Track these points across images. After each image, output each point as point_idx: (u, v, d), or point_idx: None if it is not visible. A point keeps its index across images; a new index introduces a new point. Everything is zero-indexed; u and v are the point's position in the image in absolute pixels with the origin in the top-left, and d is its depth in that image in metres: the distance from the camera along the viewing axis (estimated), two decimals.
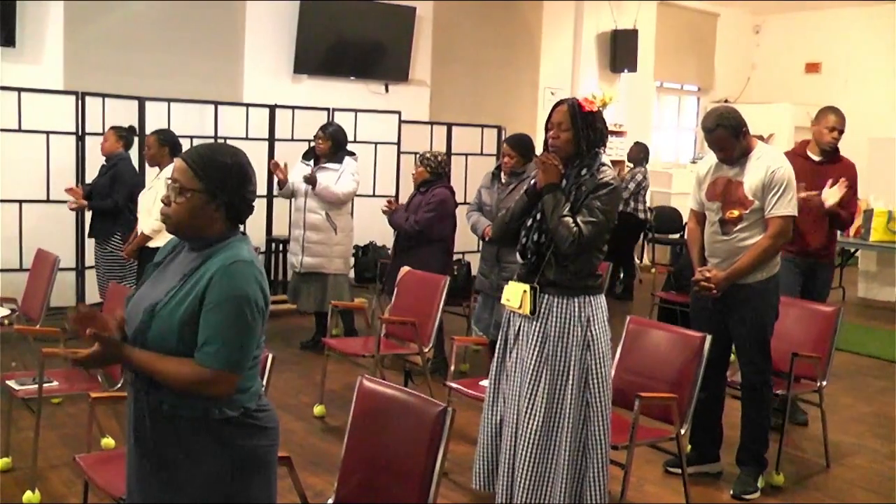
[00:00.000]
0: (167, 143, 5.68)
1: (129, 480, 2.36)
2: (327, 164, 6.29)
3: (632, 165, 9.75)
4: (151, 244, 5.53)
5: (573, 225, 3.39)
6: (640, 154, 9.74)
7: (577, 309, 3.48)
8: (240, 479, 2.23)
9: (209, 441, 2.20)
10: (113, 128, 6.35)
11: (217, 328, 2.14)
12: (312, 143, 6.49)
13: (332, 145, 6.29)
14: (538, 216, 3.53)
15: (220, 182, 2.22)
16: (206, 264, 2.20)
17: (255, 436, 2.26)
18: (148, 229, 5.56)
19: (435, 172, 5.95)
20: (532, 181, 3.61)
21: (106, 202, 6.10)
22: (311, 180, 6.23)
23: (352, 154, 6.46)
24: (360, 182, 6.45)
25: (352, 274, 6.72)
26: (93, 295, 7.07)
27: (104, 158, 6.34)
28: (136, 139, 6.55)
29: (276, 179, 6.62)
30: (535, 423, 3.47)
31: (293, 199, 6.59)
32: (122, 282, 5.92)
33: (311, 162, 6.38)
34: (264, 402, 2.34)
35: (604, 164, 3.51)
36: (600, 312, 3.54)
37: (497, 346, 3.73)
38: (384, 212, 6.10)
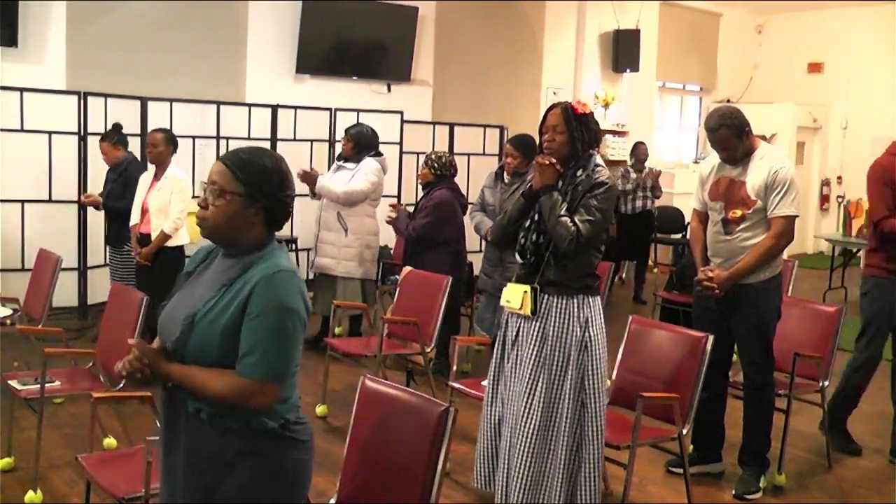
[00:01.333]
0: (173, 142, 5.70)
1: (161, 485, 2.34)
2: (345, 164, 6.26)
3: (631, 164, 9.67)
4: (167, 245, 5.56)
5: (571, 224, 3.43)
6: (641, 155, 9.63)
7: (575, 309, 3.51)
8: (272, 493, 2.19)
9: (246, 453, 2.16)
10: (102, 140, 6.29)
11: (260, 338, 2.10)
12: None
13: (353, 146, 6.24)
14: (536, 217, 3.55)
15: (259, 185, 2.18)
16: (248, 273, 2.16)
17: (291, 448, 2.23)
18: (169, 228, 5.57)
19: (439, 173, 5.93)
20: (528, 183, 3.64)
21: (120, 204, 6.07)
22: (306, 178, 6.21)
23: (378, 155, 6.34)
24: (377, 183, 6.24)
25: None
26: (94, 295, 7.09)
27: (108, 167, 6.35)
28: (128, 136, 6.54)
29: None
30: (533, 423, 3.49)
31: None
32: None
33: (342, 162, 6.34)
34: (301, 414, 2.30)
35: (598, 165, 3.56)
36: (598, 313, 3.58)
37: (496, 345, 3.75)
38: (388, 222, 6.04)
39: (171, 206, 5.60)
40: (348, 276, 6.23)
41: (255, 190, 2.17)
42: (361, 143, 6.25)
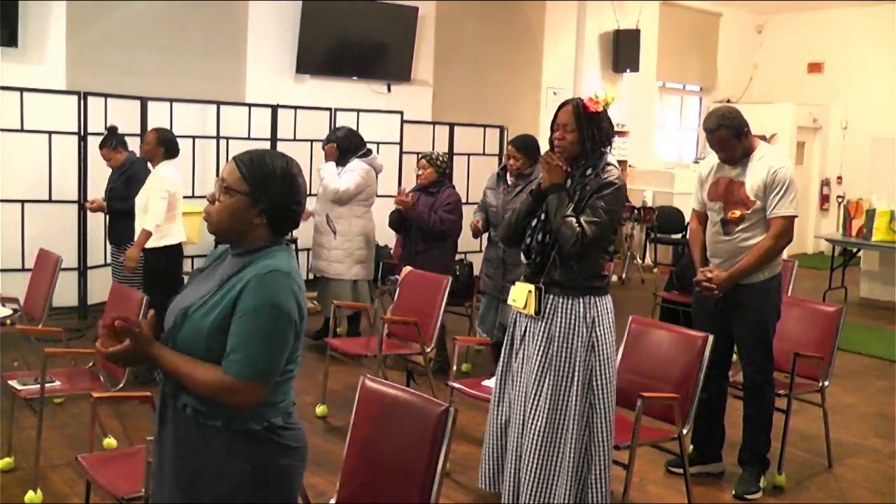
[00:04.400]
0: (164, 142, 5.62)
1: (155, 483, 2.33)
2: (328, 164, 6.35)
3: None
4: (158, 244, 5.50)
5: (576, 225, 3.39)
6: None
7: (582, 310, 3.49)
8: (257, 496, 2.17)
9: (229, 452, 2.14)
10: (101, 147, 6.25)
11: (245, 337, 2.08)
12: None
13: (339, 151, 6.32)
14: (542, 216, 3.53)
15: (264, 187, 2.16)
16: (244, 271, 2.15)
17: (277, 453, 2.20)
18: (148, 224, 5.47)
19: (442, 173, 5.98)
20: (536, 181, 3.61)
21: (123, 203, 6.05)
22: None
23: (366, 154, 6.40)
24: (363, 185, 6.30)
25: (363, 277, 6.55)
26: (94, 295, 7.09)
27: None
28: (128, 136, 6.52)
29: None
30: (540, 423, 3.47)
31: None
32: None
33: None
34: (293, 420, 2.26)
35: (609, 164, 3.50)
36: (606, 313, 3.54)
37: (504, 346, 3.74)
38: (399, 204, 5.89)
39: (150, 203, 5.54)
40: (338, 278, 6.34)
41: (259, 191, 2.17)
42: (343, 147, 6.33)
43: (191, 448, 2.17)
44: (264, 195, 2.17)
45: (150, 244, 5.49)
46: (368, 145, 6.54)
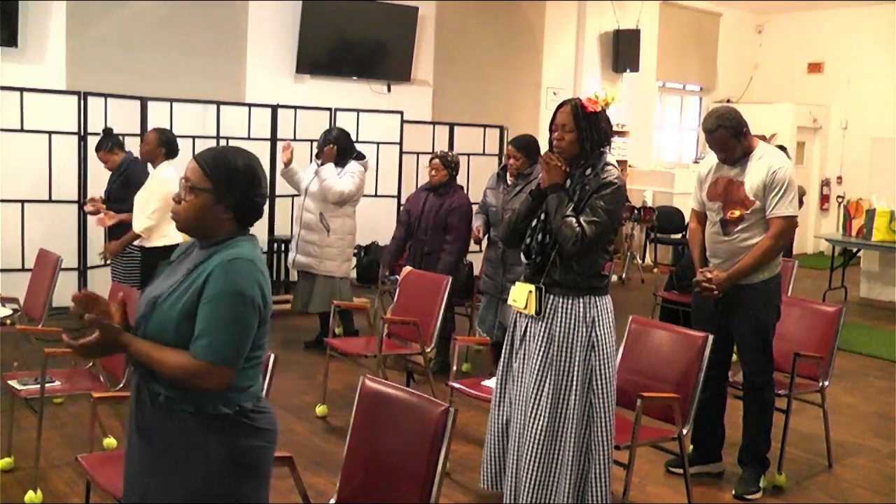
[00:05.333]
0: (164, 143, 5.61)
1: (126, 472, 2.37)
2: (323, 168, 6.32)
3: None
4: (156, 244, 5.49)
5: (576, 225, 3.39)
6: None
7: (582, 309, 3.49)
8: (231, 478, 2.24)
9: (203, 436, 2.21)
10: (97, 150, 6.23)
11: (211, 322, 2.15)
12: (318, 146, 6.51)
13: (337, 151, 6.31)
14: (542, 216, 3.53)
15: (228, 183, 2.24)
16: (209, 261, 2.23)
17: (248, 436, 2.26)
18: (140, 227, 5.47)
19: (454, 173, 6.01)
20: (537, 181, 3.61)
21: (121, 205, 6.03)
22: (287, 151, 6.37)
23: (360, 157, 6.43)
24: (360, 186, 6.37)
25: (353, 275, 6.66)
26: None
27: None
28: (128, 136, 6.52)
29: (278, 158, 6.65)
30: (540, 423, 3.47)
31: (300, 197, 6.60)
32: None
33: (320, 161, 6.37)
34: (263, 404, 2.34)
35: (609, 164, 3.50)
36: (605, 313, 3.54)
37: (504, 346, 3.74)
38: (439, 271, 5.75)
39: (147, 205, 5.53)
40: (328, 275, 6.35)
41: (223, 187, 2.24)
42: (341, 148, 6.32)
43: (165, 435, 2.23)
44: (229, 191, 2.25)
45: (147, 244, 5.49)
46: (369, 145, 6.59)
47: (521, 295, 3.56)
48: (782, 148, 5.49)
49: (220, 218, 2.27)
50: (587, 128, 3.46)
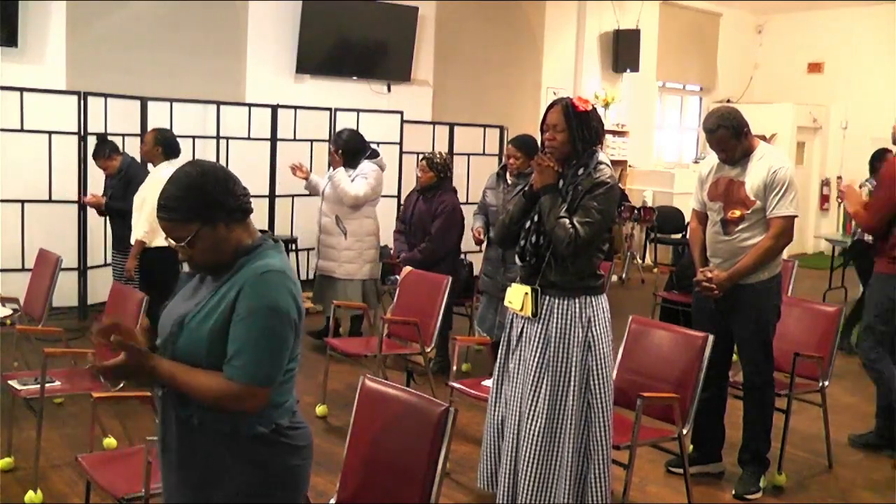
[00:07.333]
0: (162, 143, 5.59)
1: (162, 482, 2.31)
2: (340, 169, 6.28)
3: None
4: (155, 245, 5.48)
5: (570, 226, 3.39)
6: None
7: (578, 310, 3.49)
8: (268, 498, 2.17)
9: (238, 458, 2.13)
10: (95, 157, 6.24)
11: (246, 340, 2.05)
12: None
13: (343, 156, 6.26)
14: (536, 218, 3.53)
15: (205, 207, 2.10)
16: (238, 275, 2.12)
17: (286, 454, 2.19)
18: (140, 234, 5.45)
19: (442, 175, 5.93)
20: (529, 183, 3.61)
21: (122, 204, 6.02)
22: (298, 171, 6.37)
23: (374, 156, 6.37)
24: (375, 186, 6.26)
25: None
26: (94, 295, 7.09)
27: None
28: (128, 136, 6.51)
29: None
30: (538, 424, 3.47)
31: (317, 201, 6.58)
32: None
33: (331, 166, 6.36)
34: (298, 418, 2.25)
35: (601, 163, 3.49)
36: (601, 313, 3.54)
37: (500, 346, 3.74)
38: (400, 262, 5.90)
39: (144, 206, 5.52)
40: (349, 278, 6.28)
41: (205, 213, 2.10)
42: (348, 152, 6.27)
43: (200, 457, 2.15)
44: (211, 212, 2.11)
45: (147, 244, 5.49)
46: (370, 144, 6.52)
47: (517, 297, 3.56)
48: None
49: (227, 237, 2.14)
50: (578, 127, 3.45)
